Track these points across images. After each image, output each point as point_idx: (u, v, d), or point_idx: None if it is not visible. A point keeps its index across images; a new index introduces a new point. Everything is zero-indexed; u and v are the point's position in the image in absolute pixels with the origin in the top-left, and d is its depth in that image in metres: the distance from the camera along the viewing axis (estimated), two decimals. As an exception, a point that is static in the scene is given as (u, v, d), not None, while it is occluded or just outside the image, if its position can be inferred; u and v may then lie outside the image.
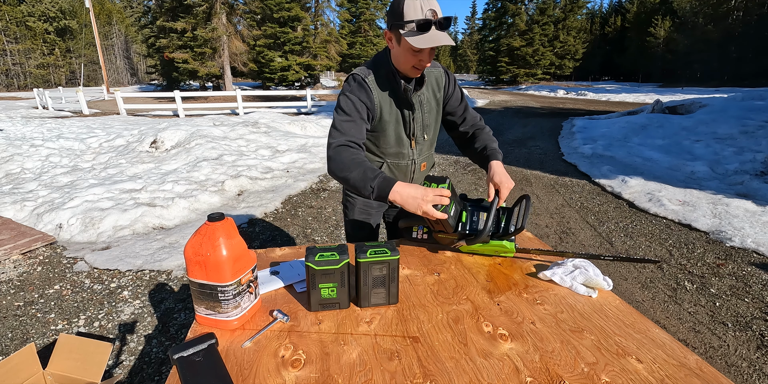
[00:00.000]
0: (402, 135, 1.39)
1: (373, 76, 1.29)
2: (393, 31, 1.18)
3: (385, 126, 1.35)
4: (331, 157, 1.19)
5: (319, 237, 3.54)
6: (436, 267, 1.21)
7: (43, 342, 2.15)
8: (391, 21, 1.17)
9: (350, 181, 1.14)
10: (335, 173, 1.18)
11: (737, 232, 3.40)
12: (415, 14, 1.11)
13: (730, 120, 7.01)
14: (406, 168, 1.47)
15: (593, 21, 50.36)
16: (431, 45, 1.12)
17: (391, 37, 1.21)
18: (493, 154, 1.39)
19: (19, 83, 38.37)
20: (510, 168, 5.97)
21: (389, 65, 1.28)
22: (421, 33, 1.12)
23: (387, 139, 1.38)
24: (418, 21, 1.10)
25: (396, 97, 1.32)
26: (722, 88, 25.32)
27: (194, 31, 19.65)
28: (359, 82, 1.27)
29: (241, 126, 7.77)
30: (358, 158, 1.16)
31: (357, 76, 1.28)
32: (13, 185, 4.72)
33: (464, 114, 1.50)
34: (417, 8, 1.10)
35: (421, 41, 1.12)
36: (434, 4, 1.13)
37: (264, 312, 0.97)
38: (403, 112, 1.35)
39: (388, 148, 1.41)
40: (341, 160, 1.16)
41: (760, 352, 2.07)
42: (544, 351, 0.83)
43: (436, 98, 1.41)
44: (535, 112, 13.75)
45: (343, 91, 1.30)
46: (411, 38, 1.12)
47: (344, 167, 1.15)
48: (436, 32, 1.12)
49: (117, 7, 49.23)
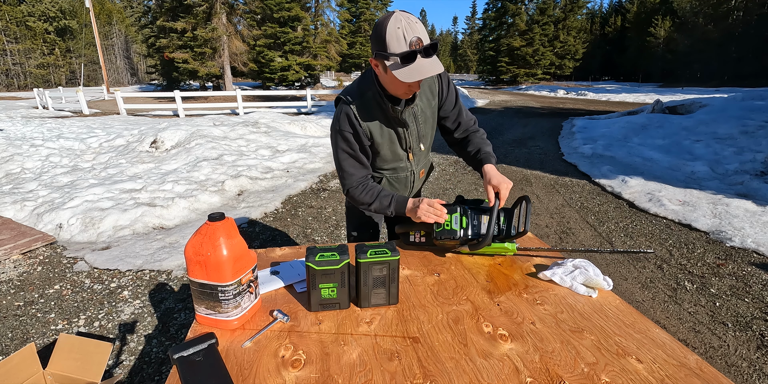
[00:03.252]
0: (398, 151, 1.38)
1: (360, 101, 1.26)
2: (378, 59, 1.12)
3: (378, 147, 1.34)
4: (349, 197, 1.38)
5: (319, 237, 3.54)
6: (436, 267, 1.21)
7: (43, 342, 2.15)
8: (375, 49, 1.12)
9: (373, 211, 1.35)
10: (359, 206, 1.39)
11: (737, 232, 3.40)
12: (398, 46, 1.05)
13: (730, 120, 7.00)
14: (405, 179, 1.48)
15: (593, 21, 50.34)
16: (418, 78, 1.07)
17: (377, 63, 1.16)
18: (486, 158, 1.37)
19: (19, 83, 38.36)
20: (510, 168, 5.97)
21: (376, 87, 1.24)
22: (407, 64, 1.07)
23: (383, 158, 1.39)
24: (401, 54, 1.05)
25: (386, 117, 1.29)
26: (722, 88, 25.32)
27: (194, 31, 19.64)
28: (345, 112, 1.27)
29: (241, 126, 7.77)
30: (370, 192, 1.33)
31: (343, 106, 1.28)
32: (13, 185, 4.72)
33: (458, 118, 1.46)
34: (400, 38, 1.04)
35: (407, 74, 1.07)
36: (418, 30, 1.06)
37: (264, 312, 0.97)
38: (396, 131, 1.33)
39: (385, 165, 1.42)
40: (359, 198, 1.34)
41: (760, 352, 2.07)
42: (544, 351, 0.83)
43: (431, 106, 1.38)
44: (535, 112, 13.74)
45: (333, 125, 1.31)
46: (397, 71, 1.07)
47: (363, 202, 1.34)
48: (422, 61, 1.07)
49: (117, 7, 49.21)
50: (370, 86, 1.26)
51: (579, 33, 36.19)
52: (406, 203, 1.28)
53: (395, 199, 1.30)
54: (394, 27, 1.04)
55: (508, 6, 33.11)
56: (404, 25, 1.04)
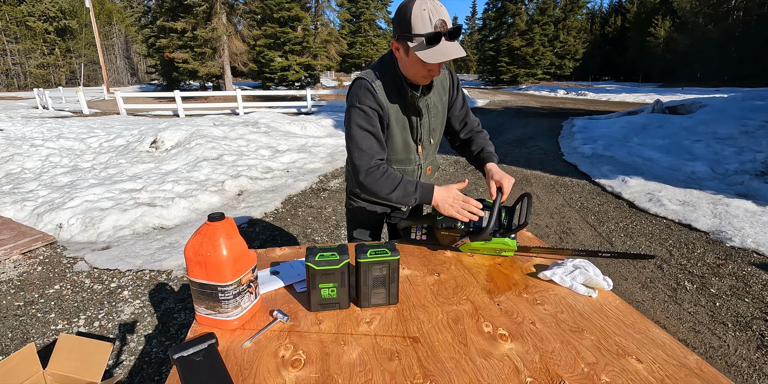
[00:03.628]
0: (409, 141, 1.36)
1: (380, 82, 1.24)
2: (400, 41, 1.12)
3: (392, 132, 1.31)
4: (365, 184, 1.22)
5: (319, 237, 3.54)
6: (436, 267, 1.21)
7: (43, 342, 2.15)
8: (398, 31, 1.11)
9: (393, 200, 1.22)
10: (375, 195, 1.23)
11: (737, 232, 3.40)
12: (423, 27, 1.05)
13: (730, 120, 7.00)
14: (412, 173, 1.45)
15: (593, 21, 50.33)
16: (442, 59, 1.07)
17: (398, 47, 1.15)
18: (488, 157, 1.40)
19: (19, 83, 38.36)
20: (510, 168, 5.97)
21: (396, 71, 1.23)
22: (431, 46, 1.07)
23: (394, 146, 1.35)
24: (427, 34, 1.05)
25: (403, 103, 1.27)
26: (722, 88, 25.32)
27: (194, 31, 19.65)
28: (367, 88, 1.22)
29: (241, 126, 7.77)
30: (390, 176, 1.20)
31: (364, 82, 1.23)
32: (13, 185, 4.72)
33: (465, 118, 1.48)
34: (425, 20, 1.04)
35: (431, 55, 1.07)
36: (443, 13, 1.06)
37: (264, 312, 0.97)
38: (410, 119, 1.31)
39: (395, 155, 1.38)
40: (378, 184, 1.20)
41: (760, 352, 2.07)
42: (544, 351, 0.83)
43: (443, 102, 1.39)
44: (535, 112, 13.75)
45: (352, 101, 1.24)
46: (421, 52, 1.07)
47: (383, 189, 1.20)
48: (446, 44, 1.07)
49: (117, 7, 49.21)
50: (390, 70, 1.24)
51: (579, 33, 36.19)
52: (432, 191, 1.19)
53: (421, 185, 1.20)
54: (419, 8, 1.05)
55: (508, 6, 33.11)
56: (429, 7, 1.05)
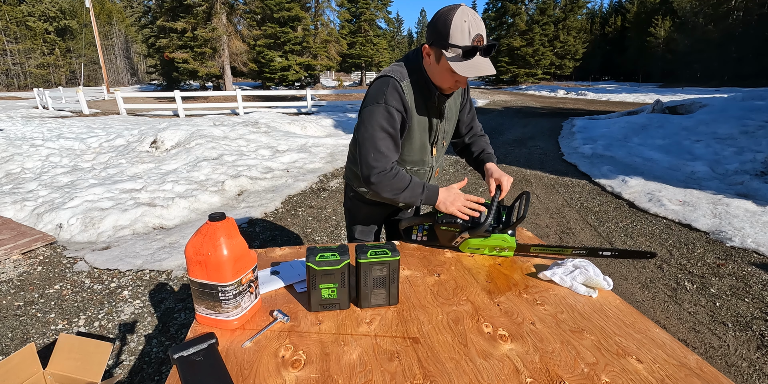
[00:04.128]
0: (426, 143, 1.35)
1: (408, 82, 1.21)
2: (434, 48, 1.11)
3: (412, 134, 1.29)
4: (375, 184, 1.22)
5: (319, 237, 3.54)
6: (436, 268, 1.21)
7: (43, 342, 2.15)
8: (433, 38, 1.10)
9: (399, 200, 1.25)
10: (382, 195, 1.25)
11: (737, 232, 3.40)
12: (462, 39, 1.04)
13: (730, 120, 7.00)
14: (423, 175, 1.45)
15: (593, 21, 50.32)
16: (475, 74, 1.07)
17: (430, 53, 1.14)
18: (488, 157, 1.43)
19: (19, 83, 38.36)
20: (510, 168, 5.97)
21: (423, 73, 1.21)
22: (466, 59, 1.06)
23: (412, 147, 1.33)
24: (465, 47, 1.04)
25: (426, 105, 1.26)
26: (722, 88, 25.31)
27: (194, 31, 19.65)
28: (394, 86, 1.18)
29: (241, 126, 7.77)
30: (400, 177, 1.22)
31: (392, 81, 1.19)
32: (13, 185, 4.72)
33: (471, 123, 1.51)
34: (465, 32, 1.03)
35: (465, 68, 1.07)
36: (481, 28, 1.06)
37: (264, 312, 0.97)
38: (431, 121, 1.30)
39: (410, 156, 1.36)
40: (389, 185, 1.21)
41: (760, 352, 2.07)
42: (544, 351, 0.83)
43: (457, 105, 1.40)
44: (535, 112, 13.75)
45: (377, 98, 1.19)
46: (455, 64, 1.07)
47: (392, 190, 1.22)
48: (480, 60, 1.06)
49: (117, 7, 49.19)
50: (416, 71, 1.22)
51: (579, 33, 36.18)
52: (437, 193, 1.22)
53: (427, 187, 1.24)
54: (460, 19, 1.03)
55: (508, 6, 33.10)
56: (471, 19, 1.04)
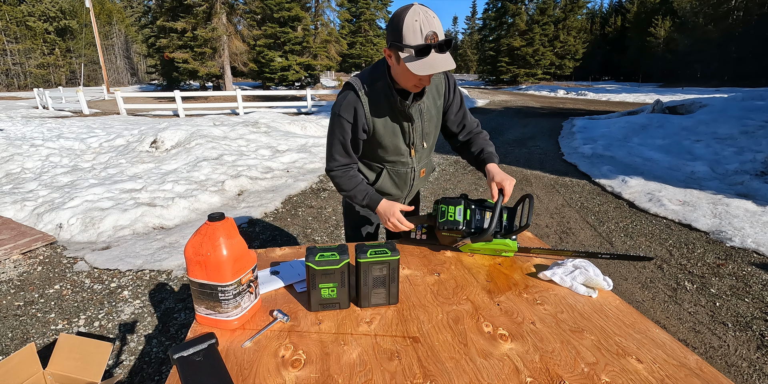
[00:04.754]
0: (400, 145, 1.37)
1: (368, 89, 1.26)
2: (392, 50, 1.13)
3: (380, 139, 1.33)
4: (330, 178, 1.41)
5: (319, 237, 3.54)
6: (436, 267, 1.21)
7: (43, 342, 2.15)
8: (390, 39, 1.12)
9: (346, 198, 1.42)
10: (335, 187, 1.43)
11: (737, 232, 3.40)
12: (414, 38, 1.05)
13: (730, 120, 7.00)
14: (405, 175, 1.47)
15: (593, 21, 50.30)
16: (430, 72, 1.09)
17: (390, 54, 1.16)
18: (489, 158, 1.40)
19: (19, 83, 38.35)
20: (510, 168, 5.97)
21: (386, 78, 1.24)
22: (421, 58, 1.08)
23: (384, 149, 1.38)
24: (417, 46, 1.06)
25: (393, 110, 1.29)
26: (722, 88, 25.30)
27: (194, 31, 19.64)
28: (350, 100, 1.26)
29: (241, 126, 7.77)
30: (347, 179, 1.37)
31: (350, 93, 1.26)
32: (13, 185, 4.72)
33: (463, 121, 1.48)
34: (416, 31, 1.05)
35: (420, 67, 1.08)
36: (435, 25, 1.06)
37: (264, 312, 0.97)
38: (401, 125, 1.33)
39: (386, 157, 1.41)
40: (338, 183, 1.38)
41: (760, 352, 2.07)
42: (544, 351, 0.83)
43: (437, 106, 1.39)
44: (535, 112, 13.74)
45: (334, 108, 1.30)
46: (410, 63, 1.08)
47: (341, 189, 1.39)
48: (436, 56, 1.08)
49: (117, 7, 49.19)
50: (381, 77, 1.25)
51: (579, 33, 36.16)
52: (378, 203, 1.33)
53: (369, 196, 1.35)
54: (411, 19, 1.05)
55: (508, 6, 33.08)
56: (422, 18, 1.05)
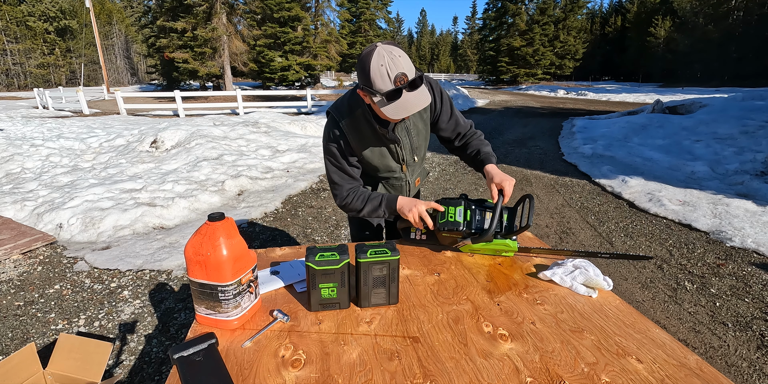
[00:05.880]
0: (390, 164, 1.39)
1: (349, 119, 1.26)
2: (365, 92, 1.11)
3: (370, 161, 1.35)
4: (342, 207, 1.38)
5: (319, 237, 3.54)
6: (436, 267, 1.21)
7: (44, 342, 2.15)
8: (361, 83, 1.10)
9: (365, 215, 1.36)
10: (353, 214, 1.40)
11: (737, 232, 3.40)
12: (383, 83, 1.03)
13: (730, 120, 7.00)
14: (401, 188, 1.51)
15: (593, 21, 50.30)
16: (404, 115, 1.08)
17: (365, 95, 1.14)
18: (487, 158, 1.38)
19: (19, 83, 38.35)
20: (510, 168, 5.97)
21: (366, 107, 1.23)
22: (392, 101, 1.06)
23: (376, 169, 1.40)
24: (387, 92, 1.04)
25: (376, 136, 1.29)
26: (723, 88, 25.29)
27: (194, 30, 19.64)
28: (330, 130, 1.29)
29: (241, 126, 7.77)
30: (361, 196, 1.34)
31: (330, 125, 1.30)
32: (13, 185, 4.72)
33: (456, 129, 1.46)
34: (384, 75, 1.02)
35: (394, 111, 1.07)
36: (401, 65, 1.03)
37: (264, 312, 0.97)
38: (388, 147, 1.33)
39: (379, 174, 1.43)
40: (352, 207, 1.35)
41: (760, 352, 2.07)
42: (544, 351, 0.83)
43: (423, 119, 1.37)
44: (535, 112, 13.75)
45: (323, 137, 1.33)
46: (384, 108, 1.07)
47: (355, 210, 1.35)
48: (408, 97, 1.06)
49: (117, 7, 49.18)
50: (360, 104, 1.24)
51: (579, 33, 36.16)
52: (396, 200, 1.29)
53: (385, 198, 1.32)
54: (377, 64, 1.02)
55: (508, 6, 33.08)
56: (387, 61, 1.02)
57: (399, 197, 1.30)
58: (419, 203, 1.24)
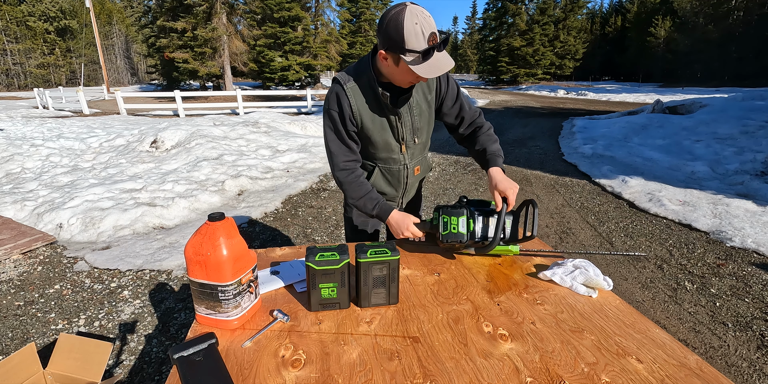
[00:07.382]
0: (390, 140, 1.36)
1: (354, 83, 1.25)
2: (391, 53, 1.10)
3: (368, 133, 1.32)
4: (337, 179, 1.36)
5: (319, 237, 3.54)
6: (437, 267, 1.21)
7: (44, 342, 2.15)
8: (387, 44, 1.09)
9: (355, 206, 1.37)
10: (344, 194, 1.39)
11: (737, 232, 3.40)
12: (417, 43, 1.04)
13: (730, 120, 7.00)
14: (398, 173, 1.45)
15: (593, 21, 50.31)
16: (438, 74, 1.08)
17: (387, 57, 1.13)
18: (492, 159, 1.36)
19: (19, 83, 38.36)
20: (510, 168, 5.97)
21: (371, 72, 1.23)
22: (425, 60, 1.07)
23: (374, 145, 1.37)
24: (423, 51, 1.05)
25: (379, 104, 1.28)
26: (723, 88, 25.29)
27: (194, 30, 19.64)
28: (336, 91, 1.26)
29: (241, 126, 7.77)
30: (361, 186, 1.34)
31: (336, 86, 1.27)
32: (13, 185, 4.72)
33: (461, 114, 1.44)
34: (419, 35, 1.03)
35: (427, 70, 1.08)
36: (432, 25, 1.05)
37: (264, 312, 0.97)
38: (389, 119, 1.32)
39: (377, 153, 1.40)
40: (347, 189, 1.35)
41: (760, 352, 2.07)
42: (544, 351, 0.83)
43: (427, 100, 1.37)
44: (535, 112, 13.74)
45: (324, 104, 1.31)
46: (416, 67, 1.07)
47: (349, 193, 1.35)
48: (438, 56, 1.08)
49: (117, 7, 49.21)
50: (365, 71, 1.25)
51: (579, 33, 36.18)
52: (389, 213, 1.32)
53: (380, 205, 1.32)
54: (411, 23, 1.03)
55: (508, 6, 33.08)
56: (421, 19, 1.03)
57: (393, 211, 1.32)
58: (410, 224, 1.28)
